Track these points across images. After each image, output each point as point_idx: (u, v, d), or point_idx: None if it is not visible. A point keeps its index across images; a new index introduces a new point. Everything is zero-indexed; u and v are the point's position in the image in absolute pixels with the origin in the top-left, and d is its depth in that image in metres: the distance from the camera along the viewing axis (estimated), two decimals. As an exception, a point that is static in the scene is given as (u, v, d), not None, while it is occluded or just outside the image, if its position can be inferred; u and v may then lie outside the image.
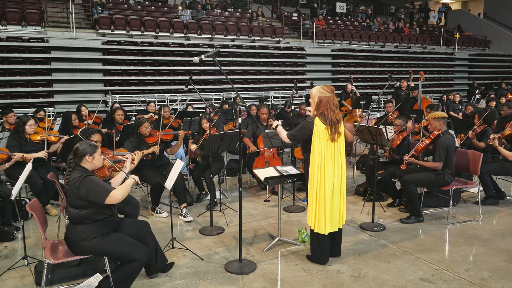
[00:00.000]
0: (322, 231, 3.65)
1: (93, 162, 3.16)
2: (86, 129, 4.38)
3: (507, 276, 3.56)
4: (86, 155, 3.12)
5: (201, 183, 5.54)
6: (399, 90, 10.34)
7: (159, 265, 3.53)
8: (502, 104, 8.35)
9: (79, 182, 3.00)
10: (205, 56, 3.73)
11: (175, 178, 3.88)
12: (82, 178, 3.02)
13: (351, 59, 15.47)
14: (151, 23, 12.26)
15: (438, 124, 4.71)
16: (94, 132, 4.30)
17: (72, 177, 3.07)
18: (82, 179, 3.02)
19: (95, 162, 3.18)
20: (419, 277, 3.55)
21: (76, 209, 3.05)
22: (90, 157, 3.14)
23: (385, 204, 5.38)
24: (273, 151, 5.96)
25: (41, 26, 10.92)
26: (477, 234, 4.48)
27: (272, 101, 12.35)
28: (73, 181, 3.03)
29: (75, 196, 3.02)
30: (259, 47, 13.81)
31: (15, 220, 4.69)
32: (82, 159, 3.12)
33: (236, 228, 4.39)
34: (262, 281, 3.50)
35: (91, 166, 3.17)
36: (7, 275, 3.58)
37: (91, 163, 3.16)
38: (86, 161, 3.13)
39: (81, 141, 3.29)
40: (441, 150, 4.60)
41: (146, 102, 9.29)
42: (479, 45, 20.11)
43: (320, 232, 3.66)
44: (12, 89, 10.00)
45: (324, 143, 3.59)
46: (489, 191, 5.42)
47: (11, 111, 5.87)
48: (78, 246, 3.08)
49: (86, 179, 3.03)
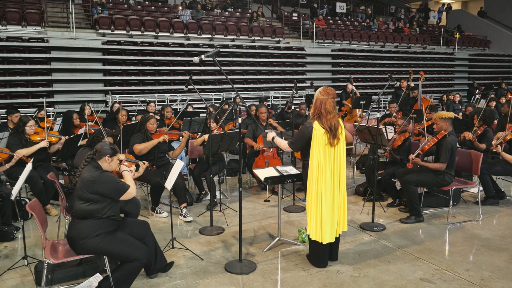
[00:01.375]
0: (320, 240, 3.60)
1: (110, 164, 3.26)
2: (99, 130, 4.38)
3: (507, 276, 3.56)
4: (107, 155, 3.22)
5: (201, 183, 5.54)
6: (399, 90, 10.34)
7: (159, 265, 3.54)
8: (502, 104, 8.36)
9: (97, 176, 3.09)
10: (205, 56, 3.73)
11: (175, 178, 3.88)
12: (100, 172, 3.14)
13: (351, 59, 15.48)
14: (151, 23, 12.27)
15: (445, 125, 4.69)
16: (108, 135, 4.34)
17: (86, 170, 3.15)
18: (100, 174, 3.12)
19: (112, 164, 3.28)
20: (419, 277, 3.55)
21: (86, 203, 3.08)
22: (110, 158, 3.24)
23: (385, 204, 5.38)
24: (273, 151, 5.96)
25: (41, 26, 10.93)
26: (477, 234, 4.48)
27: (272, 101, 12.35)
28: (88, 175, 3.10)
29: (88, 189, 3.07)
30: (259, 47, 13.81)
31: (15, 220, 4.68)
32: (102, 157, 3.22)
33: (236, 228, 4.39)
34: (262, 281, 3.50)
35: (107, 167, 3.25)
36: (7, 275, 3.58)
37: (108, 164, 3.25)
38: (105, 161, 3.23)
39: (105, 142, 3.41)
40: (447, 151, 4.58)
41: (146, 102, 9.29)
42: (479, 45, 20.12)
43: (318, 240, 3.62)
44: (12, 89, 10.01)
45: (323, 148, 3.50)
46: (489, 191, 5.41)
47: (17, 111, 5.88)
48: (79, 244, 3.08)
49: (104, 174, 3.16)
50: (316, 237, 3.61)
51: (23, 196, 5.04)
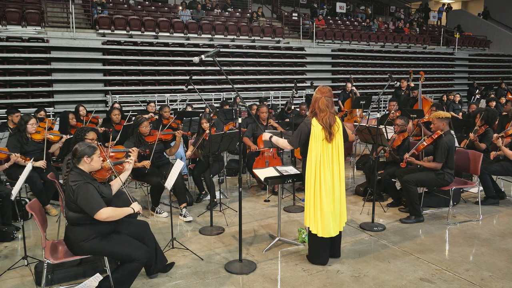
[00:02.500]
0: (320, 234, 3.62)
1: (91, 164, 3.12)
2: (80, 128, 4.34)
3: (507, 276, 3.56)
4: (85, 156, 3.08)
5: (201, 183, 5.54)
6: (399, 90, 10.34)
7: (159, 265, 3.53)
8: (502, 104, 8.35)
9: (76, 187, 2.98)
10: (205, 56, 3.73)
11: (175, 178, 3.88)
12: (80, 184, 2.98)
13: (351, 59, 15.48)
14: (151, 23, 12.26)
15: (442, 124, 4.69)
16: (88, 130, 4.23)
17: (70, 180, 3.05)
18: (79, 186, 2.98)
19: (93, 163, 3.13)
20: (419, 277, 3.55)
21: (75, 212, 3.04)
22: (89, 158, 3.10)
23: (385, 204, 5.38)
24: (273, 151, 5.95)
25: (41, 26, 10.93)
26: (477, 234, 4.48)
27: (272, 101, 12.35)
28: (70, 185, 3.02)
29: (70, 199, 3.01)
30: (259, 47, 13.81)
31: (15, 220, 4.68)
32: (80, 160, 3.08)
33: (236, 228, 4.39)
34: (262, 281, 3.50)
35: (88, 168, 3.13)
36: (7, 275, 3.58)
37: (89, 165, 3.12)
38: (84, 163, 3.10)
39: (80, 142, 3.25)
40: (443, 151, 4.59)
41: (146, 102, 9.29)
42: (479, 45, 20.12)
43: (318, 234, 3.63)
44: (12, 89, 10.01)
45: (320, 144, 3.54)
46: (489, 191, 5.41)
47: (17, 111, 5.88)
48: (77, 246, 3.07)
49: (83, 187, 2.98)
50: (316, 230, 3.62)
51: (23, 196, 5.04)
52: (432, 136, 4.73)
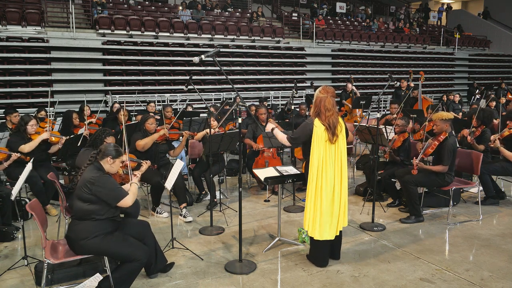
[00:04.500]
0: (317, 237, 3.60)
1: (112, 166, 3.26)
2: (103, 129, 4.34)
3: (507, 276, 3.56)
4: (109, 157, 3.22)
5: (201, 183, 5.54)
6: (399, 90, 10.34)
7: (159, 265, 3.53)
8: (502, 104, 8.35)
9: (97, 177, 3.08)
10: (205, 56, 3.73)
11: (175, 178, 3.88)
12: (102, 175, 3.12)
13: (351, 59, 15.47)
14: (151, 23, 12.26)
15: (445, 126, 4.67)
16: (109, 134, 4.27)
17: (88, 170, 3.15)
18: (101, 176, 3.11)
19: (114, 166, 3.28)
20: (419, 277, 3.55)
21: (85, 202, 3.08)
22: (112, 160, 3.23)
23: (385, 204, 5.38)
24: (273, 151, 5.96)
25: (41, 26, 10.93)
26: (477, 234, 4.48)
27: (272, 101, 12.35)
28: (89, 175, 3.09)
29: (87, 189, 3.06)
30: (259, 47, 13.81)
31: (15, 220, 4.68)
32: (104, 158, 3.22)
33: (236, 228, 4.39)
34: (262, 281, 3.50)
35: (108, 168, 3.26)
36: (7, 275, 3.58)
37: (110, 166, 3.25)
38: (107, 162, 3.23)
39: (110, 143, 3.40)
40: (449, 153, 4.58)
41: (146, 102, 9.29)
42: (479, 45, 20.12)
43: (314, 237, 3.62)
44: (12, 89, 10.01)
45: (323, 145, 3.53)
46: (489, 191, 5.41)
47: (15, 111, 5.88)
48: (79, 245, 3.08)
49: (105, 177, 3.13)
50: (313, 233, 3.61)
51: (23, 196, 5.04)
52: (438, 138, 4.70)
